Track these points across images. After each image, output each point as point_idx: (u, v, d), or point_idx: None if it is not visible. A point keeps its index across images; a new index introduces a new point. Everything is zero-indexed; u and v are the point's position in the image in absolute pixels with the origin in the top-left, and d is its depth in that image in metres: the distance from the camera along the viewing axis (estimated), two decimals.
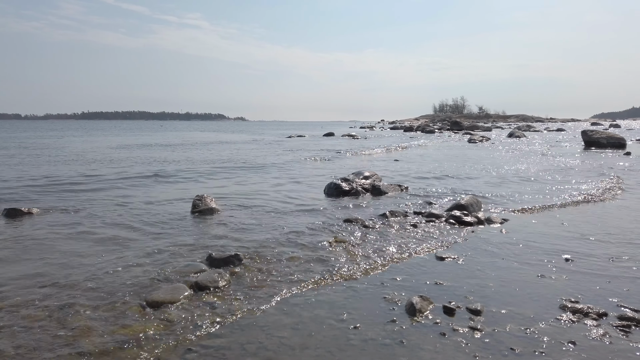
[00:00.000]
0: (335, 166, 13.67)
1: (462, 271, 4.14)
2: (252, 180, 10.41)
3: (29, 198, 7.72)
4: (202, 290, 3.65)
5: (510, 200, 7.67)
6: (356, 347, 2.79)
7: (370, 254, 4.61)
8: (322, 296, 3.56)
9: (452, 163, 14.06)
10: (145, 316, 3.18)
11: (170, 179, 10.42)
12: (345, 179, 8.88)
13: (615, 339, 2.88)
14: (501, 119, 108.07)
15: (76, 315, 3.17)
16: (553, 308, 3.33)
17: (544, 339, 2.87)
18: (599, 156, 16.13)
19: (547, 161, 14.58)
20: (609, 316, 3.19)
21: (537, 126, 58.66)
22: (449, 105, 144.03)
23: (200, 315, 3.21)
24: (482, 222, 5.96)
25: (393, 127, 63.09)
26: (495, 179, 10.42)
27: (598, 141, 20.45)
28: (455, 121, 52.65)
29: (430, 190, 8.67)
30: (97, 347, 2.75)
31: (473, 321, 3.12)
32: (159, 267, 4.19)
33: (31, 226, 5.75)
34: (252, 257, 4.50)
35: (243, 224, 5.91)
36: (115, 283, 3.79)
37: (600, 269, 4.16)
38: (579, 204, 7.32)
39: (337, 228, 5.69)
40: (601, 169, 12.03)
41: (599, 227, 5.74)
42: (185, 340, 2.85)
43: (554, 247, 4.88)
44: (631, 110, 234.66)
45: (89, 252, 4.65)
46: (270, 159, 16.08)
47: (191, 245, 4.91)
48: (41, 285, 3.75)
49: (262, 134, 44.49)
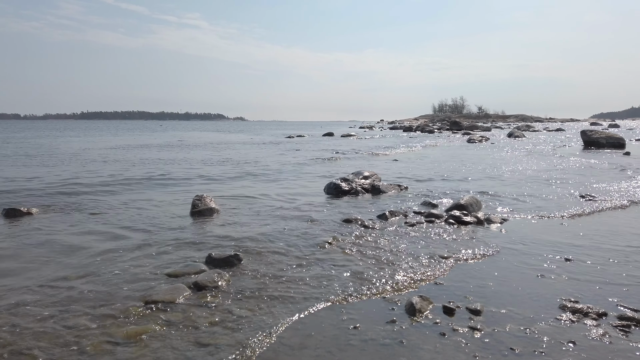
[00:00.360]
0: (341, 168, 13.66)
1: (461, 271, 4.14)
2: (251, 180, 10.40)
3: (27, 199, 7.71)
4: (202, 290, 3.65)
5: (509, 199, 7.66)
6: (356, 347, 2.79)
7: (368, 254, 4.60)
8: (322, 295, 3.55)
9: (452, 163, 14.07)
10: (145, 316, 3.18)
11: (170, 180, 10.41)
12: (345, 178, 8.88)
13: (615, 339, 2.88)
14: (500, 119, 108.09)
15: (75, 315, 3.17)
16: (553, 308, 3.33)
17: (544, 339, 2.87)
18: (598, 156, 16.13)
19: (546, 161, 14.58)
20: (608, 316, 3.19)
21: (536, 126, 58.68)
22: (449, 105, 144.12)
23: (199, 315, 3.21)
24: (482, 222, 5.96)
25: (392, 127, 63.09)
26: (493, 179, 10.42)
27: (597, 141, 20.46)
28: (455, 121, 52.66)
29: (430, 190, 8.67)
30: (97, 347, 2.75)
31: (473, 321, 3.12)
32: (158, 267, 4.19)
33: (30, 226, 5.74)
34: (251, 257, 4.50)
35: (242, 224, 5.91)
36: (115, 283, 3.79)
37: (600, 269, 4.16)
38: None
39: (336, 228, 5.68)
40: (598, 170, 12.04)
41: (599, 228, 5.74)
42: (184, 340, 2.85)
43: (554, 247, 4.88)
44: (630, 110, 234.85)
45: (88, 252, 4.65)
46: (270, 159, 16.07)
47: (190, 245, 4.91)
48: (40, 284, 3.74)
49: (260, 134, 44.47)
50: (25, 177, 10.51)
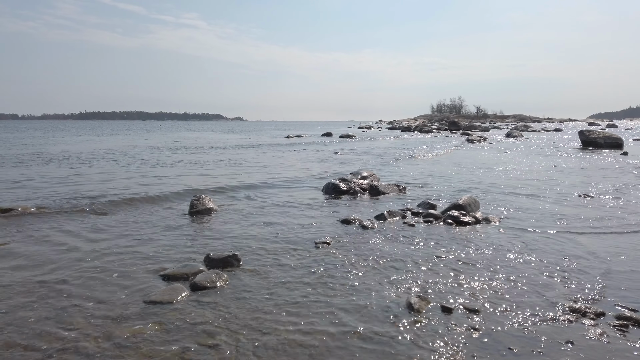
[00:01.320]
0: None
1: (459, 270, 4.14)
2: (248, 180, 10.38)
3: (20, 198, 7.69)
4: (200, 290, 3.64)
5: (507, 199, 7.67)
6: (355, 345, 2.79)
7: (367, 254, 4.60)
8: (319, 295, 3.55)
9: (451, 163, 14.08)
10: (143, 316, 3.17)
11: (166, 179, 10.39)
12: (344, 178, 8.88)
13: (613, 339, 2.88)
14: (499, 119, 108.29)
15: (73, 316, 3.16)
16: (551, 307, 3.33)
17: (542, 339, 2.87)
18: (596, 156, 16.16)
19: (545, 161, 14.60)
20: (606, 316, 3.19)
21: (534, 126, 58.79)
22: (447, 105, 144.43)
23: (198, 315, 3.20)
24: (480, 222, 5.97)
25: (391, 127, 63.16)
26: (491, 179, 10.43)
27: (595, 141, 20.52)
28: (453, 121, 52.73)
29: (429, 191, 8.67)
30: (95, 348, 2.74)
31: (471, 320, 3.12)
32: (156, 267, 4.18)
33: (25, 226, 5.72)
34: (249, 257, 4.49)
35: (241, 224, 5.90)
36: (112, 283, 3.78)
37: (598, 269, 4.17)
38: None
39: (335, 229, 5.68)
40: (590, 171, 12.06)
41: (597, 226, 5.75)
42: (183, 341, 2.84)
43: (552, 246, 4.88)
44: (628, 110, 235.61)
45: (85, 253, 4.63)
46: (270, 160, 16.05)
47: (189, 246, 4.90)
48: (38, 285, 3.73)
49: (262, 134, 44.41)
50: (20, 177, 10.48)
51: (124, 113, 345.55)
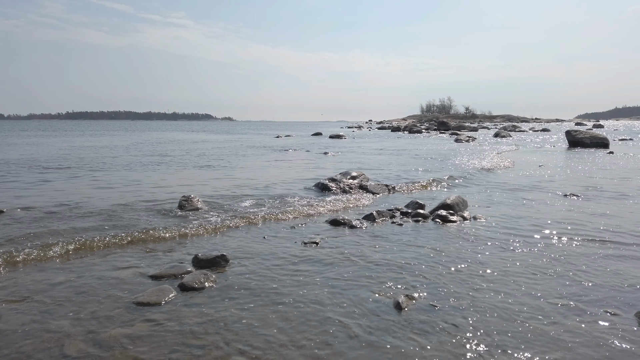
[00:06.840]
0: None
1: (444, 269, 4.17)
2: (240, 181, 10.35)
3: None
4: (188, 291, 3.63)
5: (495, 198, 7.76)
6: (343, 343, 2.80)
7: (355, 255, 4.62)
8: (309, 295, 3.56)
9: (439, 161, 14.17)
10: (131, 318, 3.15)
11: (157, 178, 10.32)
12: (333, 179, 8.90)
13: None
14: (487, 119, 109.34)
15: (58, 318, 3.13)
16: (546, 306, 3.38)
17: (529, 336, 2.92)
18: (582, 155, 16.38)
19: (532, 161, 14.77)
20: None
21: (522, 126, 59.41)
22: (436, 106, 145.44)
23: (185, 315, 3.19)
24: (468, 220, 6.02)
25: (381, 127, 63.40)
26: (476, 178, 10.53)
27: (582, 141, 20.82)
28: (442, 121, 53.12)
29: (417, 190, 8.71)
30: (81, 350, 2.72)
31: (457, 319, 3.15)
32: (144, 268, 4.16)
33: (4, 226, 5.64)
34: (238, 257, 4.49)
35: (229, 225, 5.88)
36: (100, 285, 3.75)
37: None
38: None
39: (324, 229, 5.69)
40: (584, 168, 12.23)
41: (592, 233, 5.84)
42: (170, 341, 2.83)
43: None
44: (614, 111, 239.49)
45: (72, 253, 4.59)
46: (265, 162, 16.01)
47: (177, 246, 4.88)
48: (24, 287, 3.69)
49: (252, 135, 44.25)
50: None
51: (112, 113, 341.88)
